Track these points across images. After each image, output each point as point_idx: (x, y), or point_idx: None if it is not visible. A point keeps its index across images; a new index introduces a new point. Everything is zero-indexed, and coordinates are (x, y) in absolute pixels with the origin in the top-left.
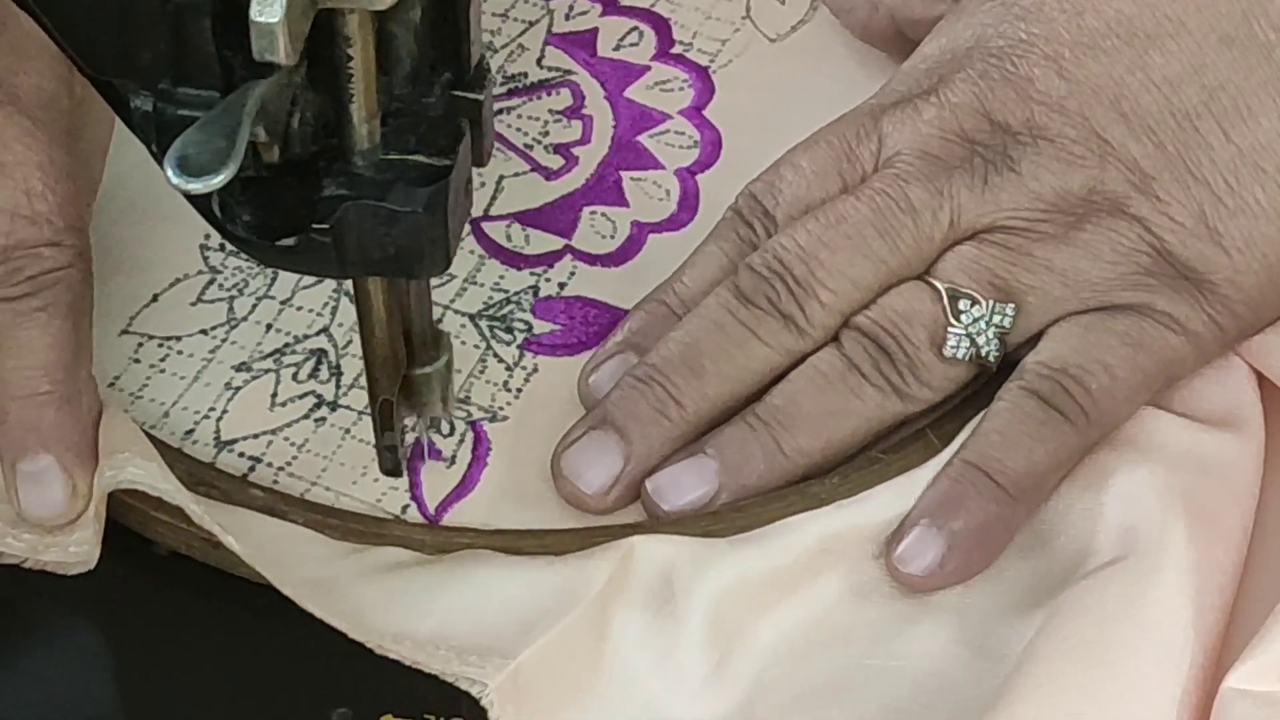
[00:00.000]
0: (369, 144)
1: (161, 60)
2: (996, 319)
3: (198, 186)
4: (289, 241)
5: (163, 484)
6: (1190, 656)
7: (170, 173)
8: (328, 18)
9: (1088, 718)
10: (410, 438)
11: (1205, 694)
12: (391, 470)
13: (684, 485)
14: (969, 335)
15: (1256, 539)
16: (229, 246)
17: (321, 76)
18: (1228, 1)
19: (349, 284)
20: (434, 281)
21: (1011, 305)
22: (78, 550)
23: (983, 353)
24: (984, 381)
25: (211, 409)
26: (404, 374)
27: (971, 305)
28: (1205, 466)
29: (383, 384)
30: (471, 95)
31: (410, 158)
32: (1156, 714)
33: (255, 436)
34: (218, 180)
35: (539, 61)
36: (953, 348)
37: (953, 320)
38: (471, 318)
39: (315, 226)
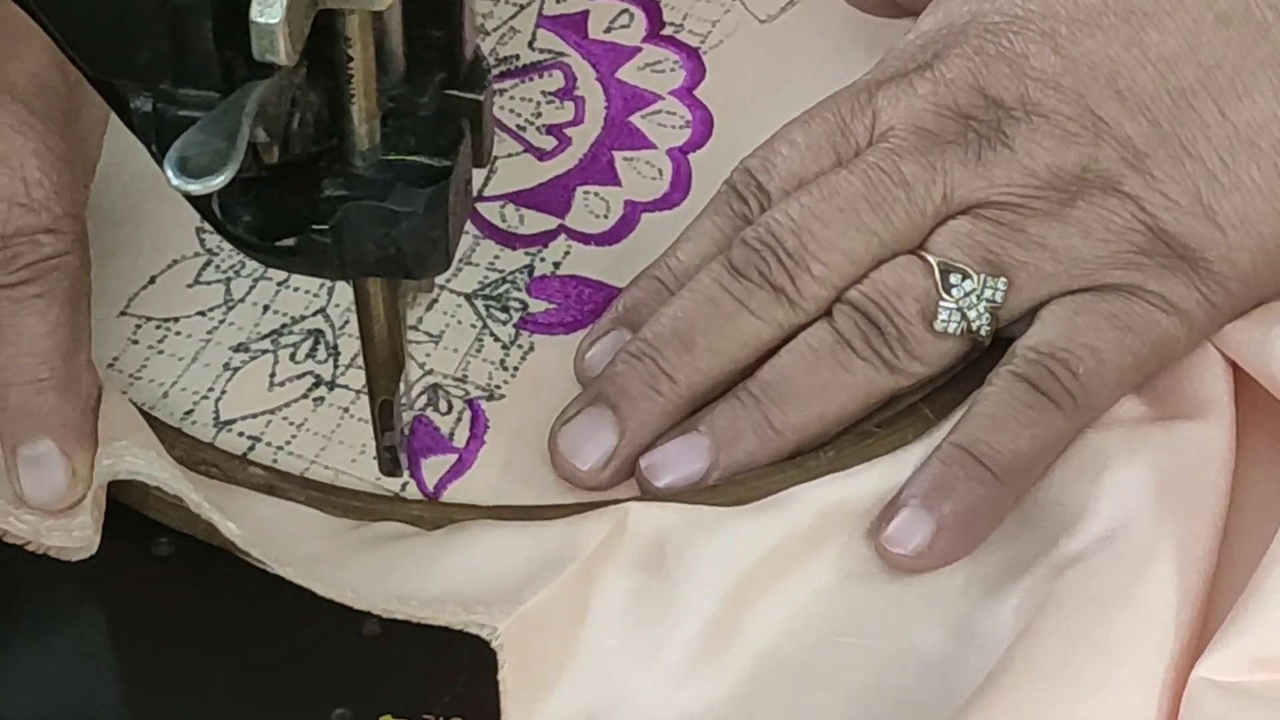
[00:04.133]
0: (369, 144)
1: (161, 61)
2: (988, 293)
3: (198, 187)
4: (289, 242)
5: (160, 473)
6: (1171, 645)
7: (170, 174)
8: (328, 18)
9: (1087, 708)
10: (408, 416)
11: (1182, 682)
12: (391, 471)
13: (677, 462)
14: (960, 309)
15: (1228, 527)
16: None
17: (321, 77)
18: None
19: None
20: None
21: (1003, 280)
22: (80, 535)
23: (974, 327)
24: (977, 357)
25: (210, 389)
26: None
27: (963, 279)
28: (1181, 453)
29: (382, 384)
30: (470, 95)
31: (410, 158)
32: (1149, 703)
33: (254, 416)
34: (218, 181)
35: (530, 44)
36: (943, 321)
37: (944, 294)
38: (468, 297)
39: (315, 227)
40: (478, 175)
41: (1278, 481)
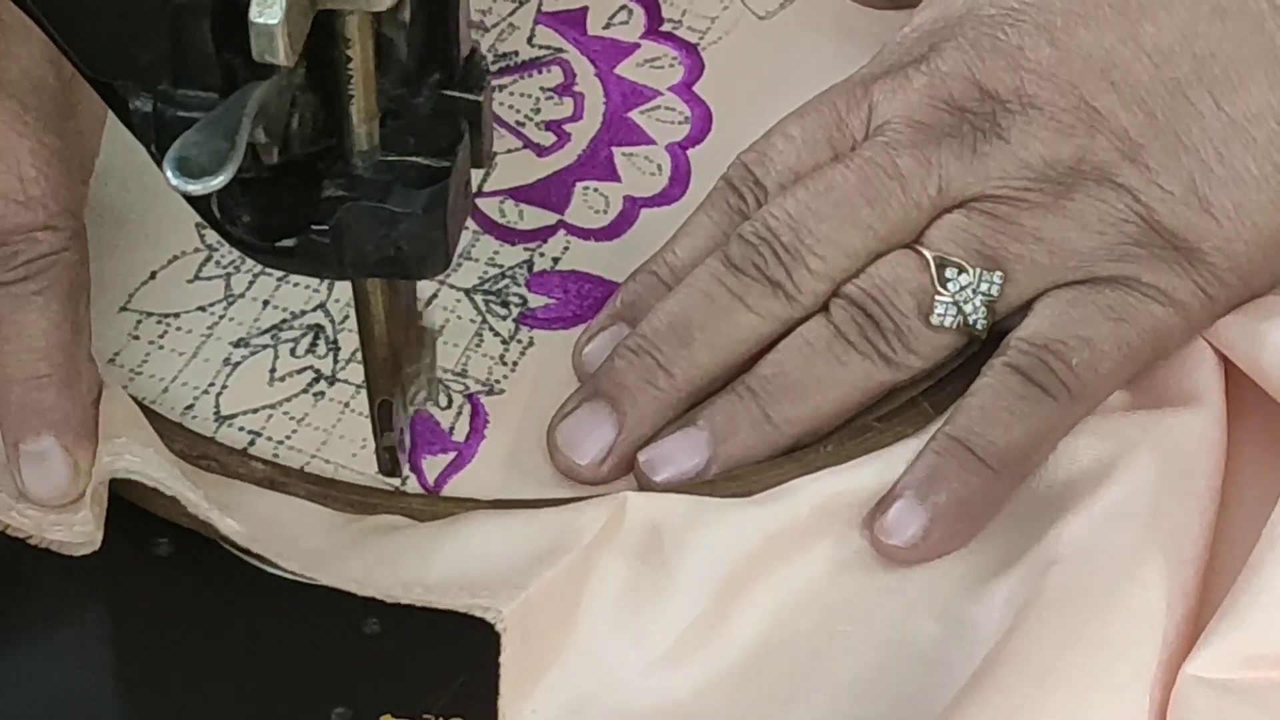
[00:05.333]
0: (368, 145)
1: (161, 61)
2: (984, 287)
3: (197, 188)
4: (288, 242)
5: (158, 472)
6: (1165, 642)
7: (170, 174)
8: (327, 19)
9: (1083, 706)
10: (409, 410)
11: (1173, 679)
12: (391, 471)
13: (675, 457)
14: (956, 303)
15: (1220, 522)
16: None
17: (321, 78)
18: None
19: None
20: None
21: (999, 274)
22: (82, 530)
23: (970, 321)
24: (975, 350)
25: (211, 384)
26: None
27: (959, 273)
28: (1173, 446)
29: (382, 384)
30: (469, 96)
31: (409, 159)
32: (1144, 700)
33: (255, 411)
34: (217, 182)
35: (529, 40)
36: (940, 315)
37: (940, 288)
38: (467, 292)
39: (315, 227)
40: (477, 171)
41: (1269, 476)
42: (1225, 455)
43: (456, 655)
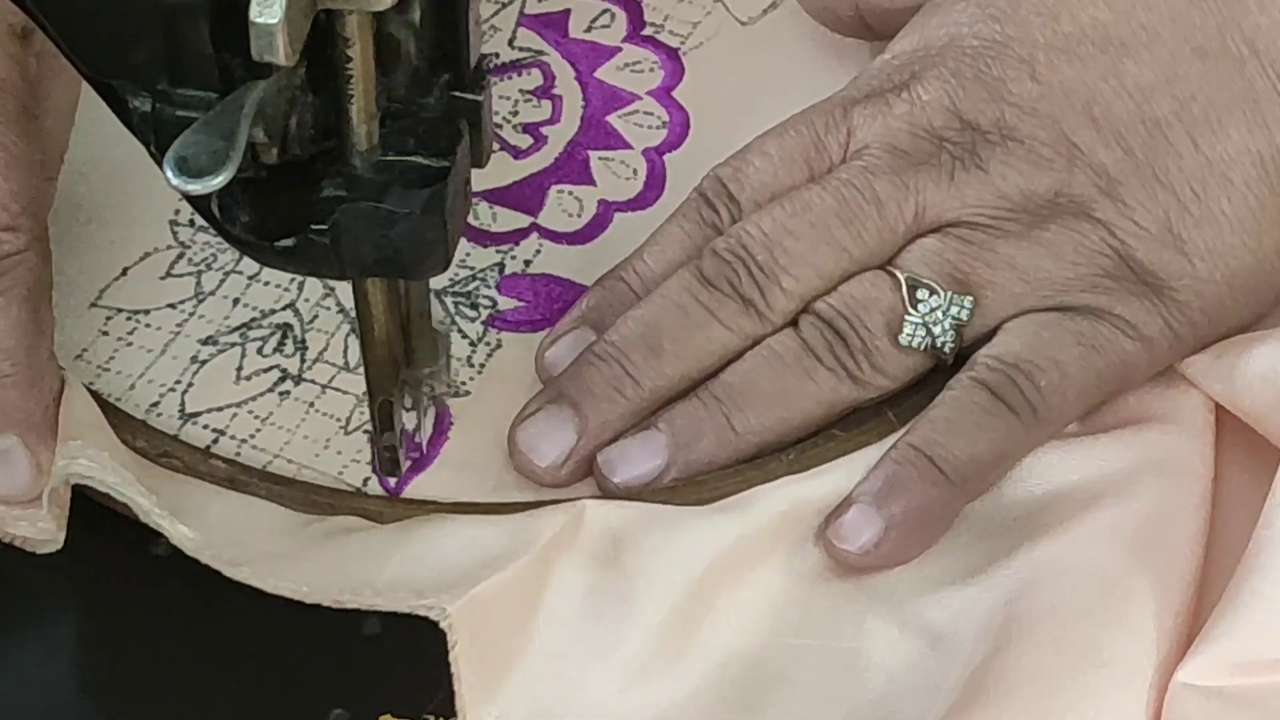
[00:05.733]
0: (368, 145)
1: (160, 61)
2: (954, 310)
3: (196, 188)
4: (287, 242)
5: (111, 477)
6: (1158, 652)
7: (169, 174)
8: (327, 19)
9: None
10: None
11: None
12: (391, 471)
13: (633, 459)
14: (925, 324)
15: (1212, 529)
16: (199, 221)
17: (320, 77)
18: (1202, 14)
19: None
20: None
21: (969, 298)
22: (44, 527)
23: (938, 343)
24: (942, 374)
25: (177, 382)
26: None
27: (930, 295)
28: (1160, 457)
29: (382, 384)
30: (470, 96)
31: (409, 159)
32: (1141, 711)
33: (220, 409)
34: (216, 181)
35: (510, 42)
36: (908, 336)
37: (910, 309)
38: (437, 294)
39: (314, 227)
40: (475, 171)
41: (1256, 484)
42: (1214, 466)
43: None
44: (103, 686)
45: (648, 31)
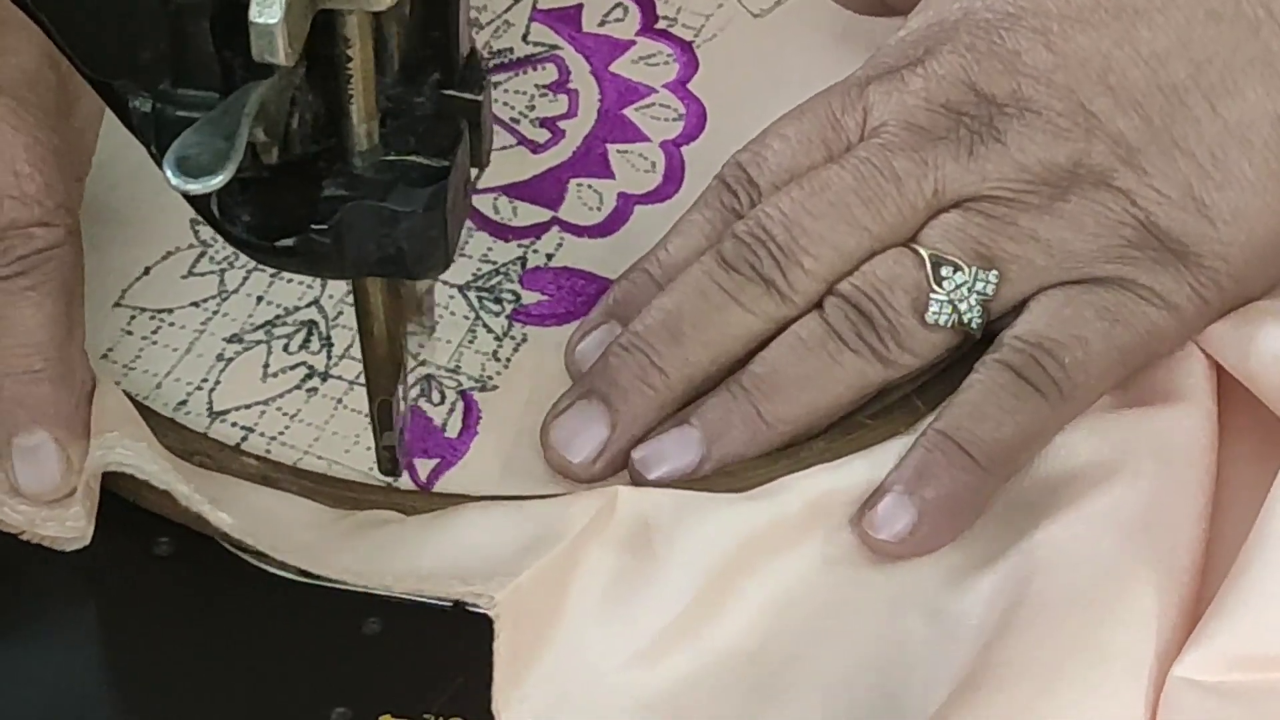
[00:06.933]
0: (368, 144)
1: (161, 61)
2: (979, 286)
3: (197, 187)
4: (288, 242)
5: (150, 465)
6: (1158, 644)
7: (169, 173)
8: (327, 18)
9: (1087, 708)
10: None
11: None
12: (390, 471)
13: (668, 455)
14: (951, 301)
15: (1212, 522)
16: None
17: (321, 77)
18: None
19: None
20: None
21: (994, 272)
22: (74, 525)
23: (965, 319)
24: (969, 349)
25: (204, 380)
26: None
27: (954, 272)
28: (1164, 444)
29: (382, 384)
30: (468, 96)
31: (409, 158)
32: (1140, 703)
33: (247, 407)
34: (217, 181)
35: (524, 37)
36: (935, 314)
37: (935, 286)
38: (460, 289)
39: (315, 227)
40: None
41: (1259, 476)
42: (1217, 454)
43: (456, 655)
44: (103, 685)
45: (661, 25)
